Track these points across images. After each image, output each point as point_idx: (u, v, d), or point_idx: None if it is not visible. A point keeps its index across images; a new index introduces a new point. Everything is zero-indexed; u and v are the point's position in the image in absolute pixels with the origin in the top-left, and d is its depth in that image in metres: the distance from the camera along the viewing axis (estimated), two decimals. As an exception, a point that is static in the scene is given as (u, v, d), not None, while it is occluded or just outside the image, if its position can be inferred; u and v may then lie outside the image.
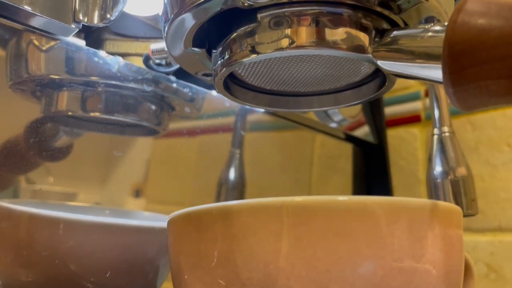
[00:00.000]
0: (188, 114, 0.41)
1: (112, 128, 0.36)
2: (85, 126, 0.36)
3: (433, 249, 0.19)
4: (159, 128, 0.39)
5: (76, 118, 0.35)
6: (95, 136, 0.37)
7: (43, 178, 0.35)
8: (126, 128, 0.38)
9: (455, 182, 0.35)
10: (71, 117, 0.35)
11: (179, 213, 0.22)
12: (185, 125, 0.42)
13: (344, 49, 0.21)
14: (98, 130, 0.36)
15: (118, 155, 0.36)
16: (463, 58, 0.17)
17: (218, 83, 0.25)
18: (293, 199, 0.19)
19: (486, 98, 0.18)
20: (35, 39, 0.32)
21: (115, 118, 0.35)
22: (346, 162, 0.60)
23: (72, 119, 0.35)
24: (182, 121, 0.42)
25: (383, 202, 0.18)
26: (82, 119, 0.36)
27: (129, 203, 0.40)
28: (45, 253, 0.29)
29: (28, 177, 0.34)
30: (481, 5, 0.17)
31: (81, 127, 0.36)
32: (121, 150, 0.38)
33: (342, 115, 0.51)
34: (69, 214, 0.29)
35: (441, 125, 0.37)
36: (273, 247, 0.19)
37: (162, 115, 0.38)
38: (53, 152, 0.34)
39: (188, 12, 0.22)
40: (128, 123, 0.37)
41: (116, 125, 0.37)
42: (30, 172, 0.34)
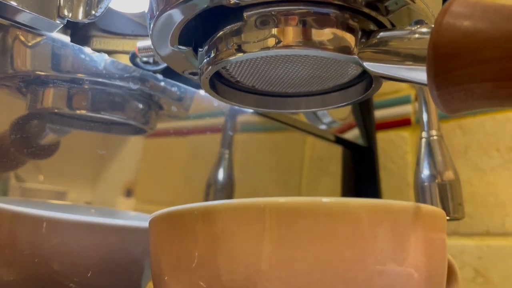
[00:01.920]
0: (176, 113, 0.40)
1: (98, 126, 0.36)
2: (71, 124, 0.36)
3: (415, 253, 0.19)
4: (146, 127, 0.39)
5: (62, 116, 0.35)
6: (86, 135, 0.36)
7: (33, 176, 0.34)
8: (113, 126, 0.37)
9: (442, 186, 0.35)
10: (56, 114, 0.35)
11: (160, 213, 0.22)
12: (175, 125, 0.42)
13: (330, 49, 0.21)
14: (84, 128, 0.36)
15: (101, 153, 0.36)
16: (448, 61, 0.17)
17: (204, 82, 0.25)
18: (276, 200, 0.19)
19: (470, 101, 0.18)
20: (21, 35, 0.31)
21: (101, 116, 0.35)
22: (336, 164, 0.60)
23: (58, 117, 0.35)
24: (172, 120, 0.41)
25: (365, 205, 0.18)
26: (68, 117, 0.35)
27: (119, 202, 0.40)
28: (27, 252, 0.28)
29: (18, 175, 0.34)
30: (466, 7, 0.17)
31: (67, 124, 0.35)
32: (111, 149, 0.38)
33: (332, 117, 0.51)
34: (52, 213, 0.28)
35: (429, 129, 0.37)
36: (254, 248, 0.18)
37: (150, 114, 0.38)
38: (38, 150, 0.34)
39: (174, 8, 0.22)
40: (115, 122, 0.36)
41: (103, 123, 0.36)
42: (18, 170, 0.34)
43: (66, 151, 0.35)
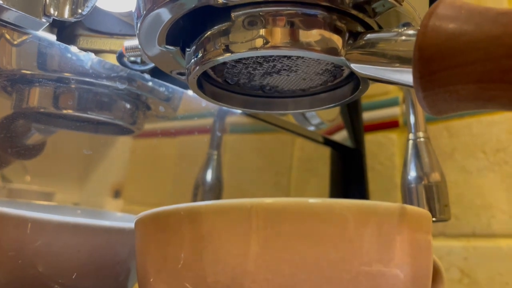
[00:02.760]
0: (164, 113, 0.40)
1: (85, 126, 0.36)
2: (57, 124, 0.35)
3: (401, 254, 0.19)
4: (134, 127, 0.38)
5: (48, 115, 0.34)
6: (73, 135, 0.36)
7: (20, 177, 0.34)
8: (100, 126, 0.37)
9: (429, 187, 0.35)
10: (42, 114, 0.34)
11: (146, 214, 0.21)
12: (163, 125, 0.41)
13: (318, 50, 0.21)
14: (70, 128, 0.36)
15: (88, 153, 0.36)
16: (433, 63, 0.17)
17: (191, 81, 0.25)
18: (262, 200, 0.19)
19: (455, 102, 0.18)
20: (7, 33, 0.31)
21: (87, 116, 0.35)
22: (324, 165, 0.60)
23: (44, 116, 0.34)
24: (160, 121, 0.41)
25: (351, 206, 0.18)
26: (54, 116, 0.35)
27: (107, 203, 0.39)
28: (11, 254, 0.28)
29: (5, 176, 0.33)
30: (452, 10, 0.17)
31: (53, 124, 0.35)
32: (98, 150, 0.38)
33: (320, 119, 0.51)
34: (37, 213, 0.28)
35: (416, 131, 0.37)
36: (240, 250, 0.18)
37: (137, 114, 0.38)
38: (24, 149, 0.33)
39: (162, 8, 0.22)
40: (102, 121, 0.36)
41: (89, 123, 0.36)
42: (4, 170, 0.33)
43: (53, 152, 0.35)
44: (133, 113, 0.37)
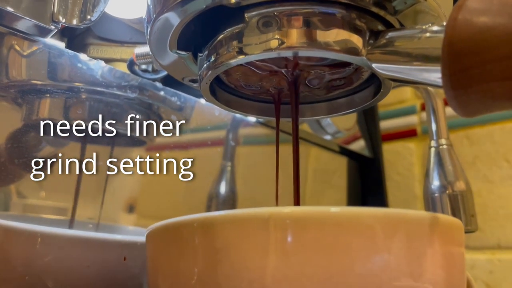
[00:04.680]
0: (176, 123, 0.39)
1: (95, 137, 0.35)
2: (68, 137, 0.34)
3: (433, 267, 0.17)
4: (146, 138, 0.38)
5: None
6: (89, 149, 0.35)
7: (35, 192, 0.34)
8: (111, 137, 0.36)
9: (454, 196, 0.34)
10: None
11: (157, 226, 0.20)
12: (176, 138, 0.41)
13: (337, 50, 0.20)
14: (81, 140, 0.35)
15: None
16: (464, 58, 0.16)
17: (204, 88, 0.24)
18: (281, 209, 0.18)
19: (489, 101, 0.16)
20: (16, 44, 0.30)
21: (98, 127, 0.34)
22: (341, 176, 0.59)
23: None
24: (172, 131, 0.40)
25: (378, 214, 0.17)
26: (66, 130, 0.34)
27: (122, 218, 0.39)
28: (21, 269, 0.27)
29: (19, 191, 0.33)
30: (482, 2, 0.16)
31: (63, 136, 0.34)
32: (113, 164, 0.37)
33: (337, 127, 0.50)
34: (47, 228, 0.28)
35: (438, 138, 0.36)
36: (258, 263, 0.17)
37: (149, 125, 0.37)
38: (36, 162, 0.33)
39: (172, 10, 0.21)
40: (113, 132, 0.35)
41: (100, 134, 0.35)
42: (18, 185, 0.33)
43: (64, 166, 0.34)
44: (145, 124, 0.37)
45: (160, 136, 0.39)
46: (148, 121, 0.36)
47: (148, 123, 0.35)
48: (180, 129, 0.40)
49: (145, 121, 0.37)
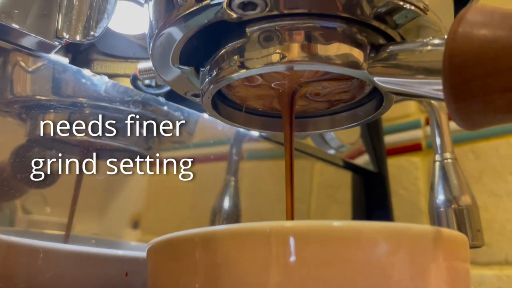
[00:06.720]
0: (179, 138, 0.39)
1: (99, 152, 0.35)
2: (70, 150, 0.35)
3: (437, 283, 0.17)
4: (149, 153, 0.38)
5: (61, 142, 0.34)
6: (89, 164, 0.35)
7: (40, 208, 0.34)
8: (115, 152, 0.36)
9: (459, 211, 0.33)
10: (56, 141, 0.34)
11: (158, 240, 0.20)
12: (179, 151, 0.41)
13: (338, 64, 0.20)
14: (84, 155, 0.35)
15: (100, 178, 0.35)
16: (466, 70, 0.16)
17: (206, 102, 0.24)
18: (282, 224, 0.17)
19: (491, 114, 0.16)
20: (22, 61, 0.31)
21: (101, 141, 0.34)
22: (345, 191, 0.59)
23: (57, 143, 0.34)
24: (176, 147, 0.40)
25: (381, 228, 0.17)
26: (68, 143, 0.34)
27: (126, 233, 0.39)
28: (23, 285, 0.27)
29: (24, 207, 0.33)
30: (483, 15, 0.16)
31: (66, 151, 0.34)
32: (116, 179, 0.37)
33: (341, 141, 0.50)
34: (49, 243, 0.27)
35: (442, 152, 0.35)
36: (259, 278, 0.17)
37: (152, 140, 0.37)
38: (39, 178, 0.33)
39: (174, 25, 0.21)
40: (116, 147, 0.35)
41: (103, 149, 0.35)
42: (23, 201, 0.33)
43: (70, 181, 0.34)
44: (148, 139, 0.37)
45: (162, 151, 0.39)
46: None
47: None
48: (183, 143, 0.40)
49: (149, 136, 0.37)
